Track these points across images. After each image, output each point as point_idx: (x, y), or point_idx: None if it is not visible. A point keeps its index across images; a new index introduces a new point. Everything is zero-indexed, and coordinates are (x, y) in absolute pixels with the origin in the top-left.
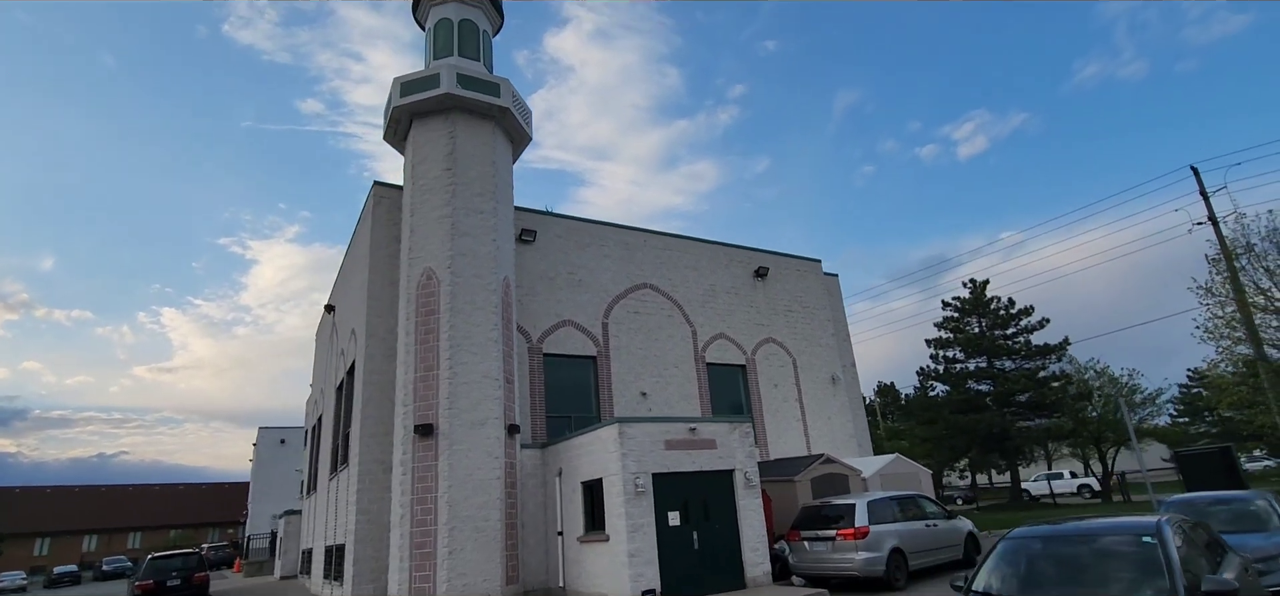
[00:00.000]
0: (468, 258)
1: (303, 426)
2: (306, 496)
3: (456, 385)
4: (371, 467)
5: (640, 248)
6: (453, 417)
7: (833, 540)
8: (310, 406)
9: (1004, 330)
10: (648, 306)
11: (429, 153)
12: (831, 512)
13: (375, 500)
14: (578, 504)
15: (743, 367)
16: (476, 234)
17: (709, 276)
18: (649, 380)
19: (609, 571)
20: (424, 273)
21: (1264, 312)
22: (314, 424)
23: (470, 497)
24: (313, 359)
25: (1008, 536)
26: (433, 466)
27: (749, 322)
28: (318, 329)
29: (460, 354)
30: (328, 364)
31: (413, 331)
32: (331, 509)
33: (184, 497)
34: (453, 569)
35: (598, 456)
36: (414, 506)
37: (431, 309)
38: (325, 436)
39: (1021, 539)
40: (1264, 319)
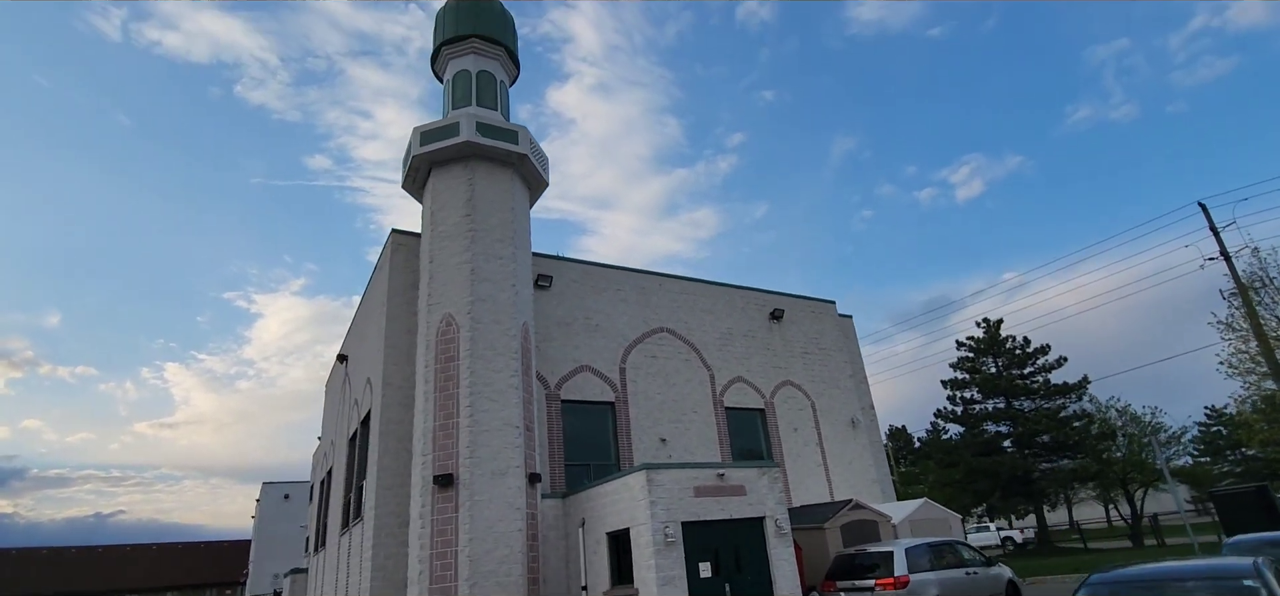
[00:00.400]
0: (487, 303)
1: (308, 481)
2: (314, 553)
3: (477, 433)
4: (387, 521)
5: (656, 292)
6: (474, 467)
7: (871, 590)
8: (318, 460)
9: (1021, 369)
10: (665, 350)
11: (448, 200)
12: (867, 561)
13: (391, 556)
14: (603, 556)
15: (762, 412)
16: (496, 279)
17: (725, 320)
18: (667, 426)
19: None
20: (444, 319)
21: None
22: (323, 478)
23: (492, 551)
24: (321, 411)
25: (1088, 582)
26: (453, 519)
27: (766, 366)
28: (328, 380)
29: (481, 401)
30: (339, 415)
31: (432, 378)
32: (344, 566)
33: (181, 557)
34: None
35: (624, 505)
36: (433, 562)
37: (451, 355)
38: (336, 490)
39: (1103, 585)
40: None
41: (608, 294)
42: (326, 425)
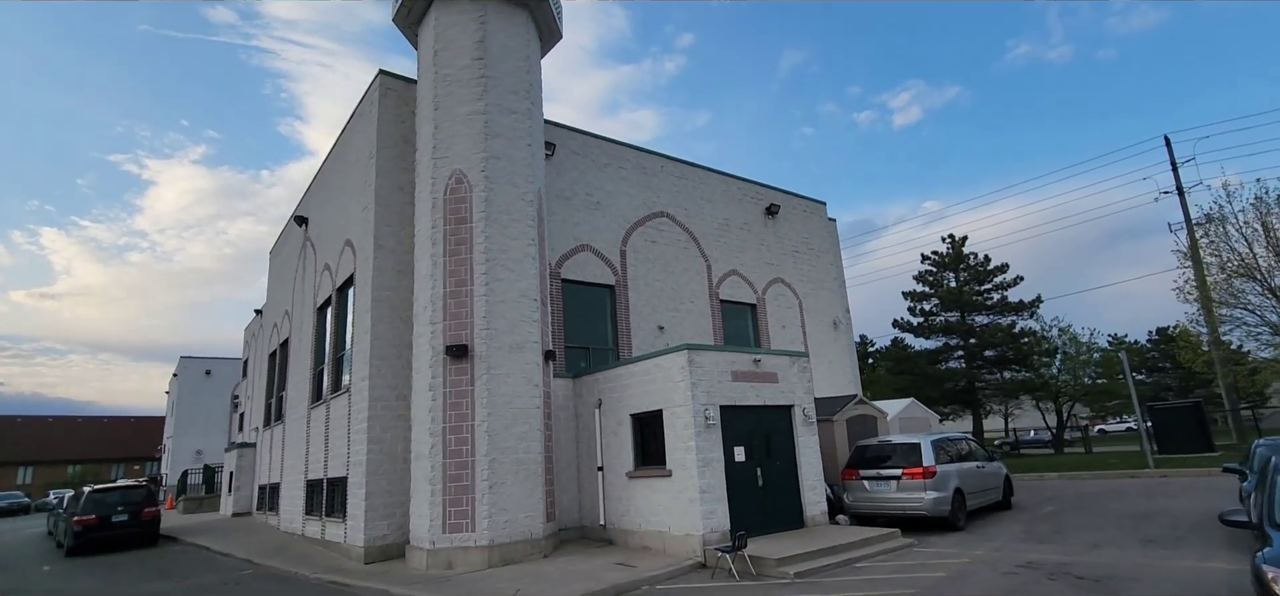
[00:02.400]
0: (502, 162)
1: (238, 356)
2: (265, 427)
3: (493, 303)
4: (383, 393)
5: (657, 174)
6: (490, 339)
7: (898, 479)
8: (256, 333)
9: (981, 285)
10: (665, 236)
11: (455, 39)
12: (890, 452)
13: (388, 428)
14: (624, 438)
15: (753, 307)
16: (511, 136)
17: (723, 210)
18: (665, 314)
19: (671, 508)
20: (453, 176)
21: (1244, 278)
22: (273, 350)
23: (511, 427)
24: (267, 280)
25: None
26: (468, 392)
27: (759, 261)
28: (274, 247)
29: (496, 269)
30: (297, 283)
31: (441, 241)
32: (316, 439)
33: (82, 431)
34: (494, 504)
35: (657, 386)
36: (447, 435)
37: (462, 217)
38: (299, 361)
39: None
40: (1246, 285)
41: (609, 170)
42: (275, 294)
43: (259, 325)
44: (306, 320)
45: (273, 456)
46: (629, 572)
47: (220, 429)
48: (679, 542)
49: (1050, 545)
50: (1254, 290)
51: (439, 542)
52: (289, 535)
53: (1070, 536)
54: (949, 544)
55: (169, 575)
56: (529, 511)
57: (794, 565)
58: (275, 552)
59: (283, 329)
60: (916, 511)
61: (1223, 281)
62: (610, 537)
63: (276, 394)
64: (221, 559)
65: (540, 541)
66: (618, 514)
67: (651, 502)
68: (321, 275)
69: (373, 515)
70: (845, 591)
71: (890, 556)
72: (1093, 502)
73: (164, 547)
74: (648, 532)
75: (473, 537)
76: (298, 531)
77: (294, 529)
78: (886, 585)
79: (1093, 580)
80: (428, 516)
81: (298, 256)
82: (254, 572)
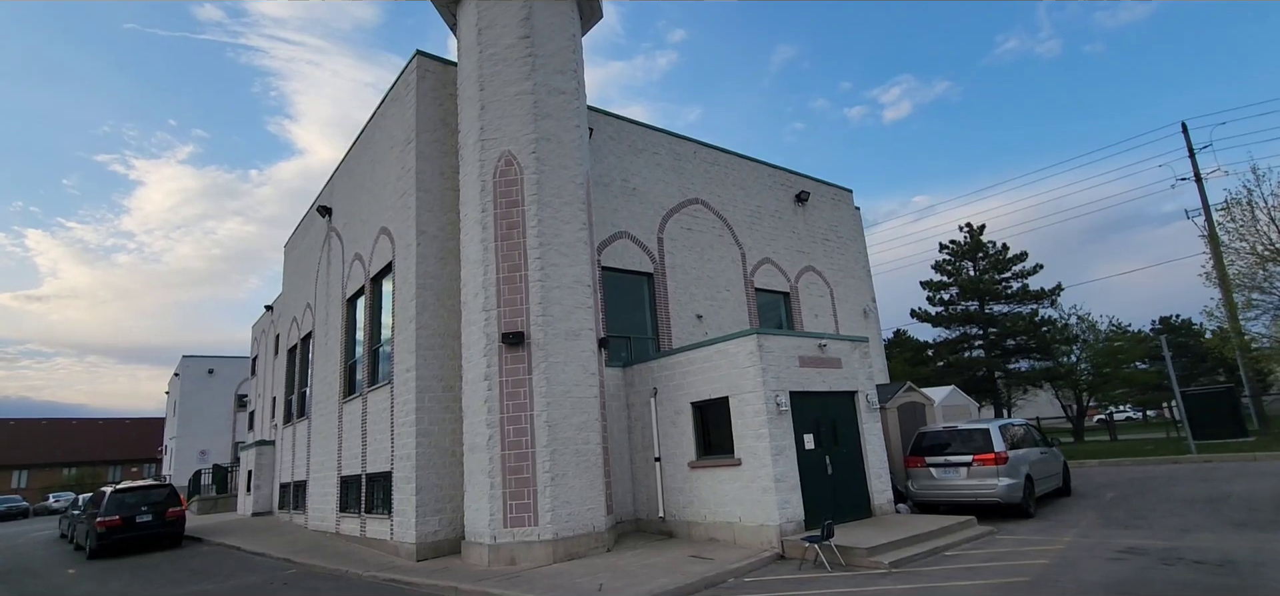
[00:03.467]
0: (552, 143)
1: (239, 355)
2: (285, 423)
3: (548, 289)
4: (430, 384)
5: (690, 160)
6: (547, 326)
7: (968, 466)
8: (263, 331)
9: (1000, 273)
10: (700, 223)
11: (500, 17)
12: (958, 439)
13: (436, 421)
14: (684, 427)
15: (786, 295)
16: (559, 116)
17: (755, 197)
18: (703, 302)
19: (741, 498)
20: (502, 158)
21: (1274, 262)
22: (293, 345)
23: (569, 417)
24: (282, 273)
25: None
26: (525, 381)
27: (791, 249)
28: (290, 240)
29: (550, 253)
30: (320, 276)
31: (491, 225)
32: (354, 435)
33: (77, 433)
34: (557, 497)
35: (722, 373)
36: (505, 427)
37: (513, 200)
38: (327, 356)
39: None
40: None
41: (644, 156)
42: (294, 288)
43: (270, 321)
44: (334, 313)
45: (296, 454)
46: (708, 565)
47: (224, 428)
48: (751, 533)
49: (1138, 530)
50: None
51: (500, 537)
52: (321, 533)
53: (1153, 521)
54: (1030, 531)
55: (206, 575)
56: (590, 504)
57: (884, 554)
58: (312, 551)
59: (304, 323)
60: (989, 498)
61: (1253, 266)
62: (670, 530)
63: (298, 390)
64: (256, 558)
65: (603, 534)
66: (678, 505)
67: (717, 493)
68: (351, 266)
69: (424, 511)
70: (951, 580)
71: (976, 544)
72: (1152, 488)
73: (191, 548)
74: (714, 524)
75: (536, 532)
76: (330, 529)
77: (326, 527)
78: (991, 573)
79: (1213, 565)
80: (487, 510)
81: (320, 249)
82: (298, 572)
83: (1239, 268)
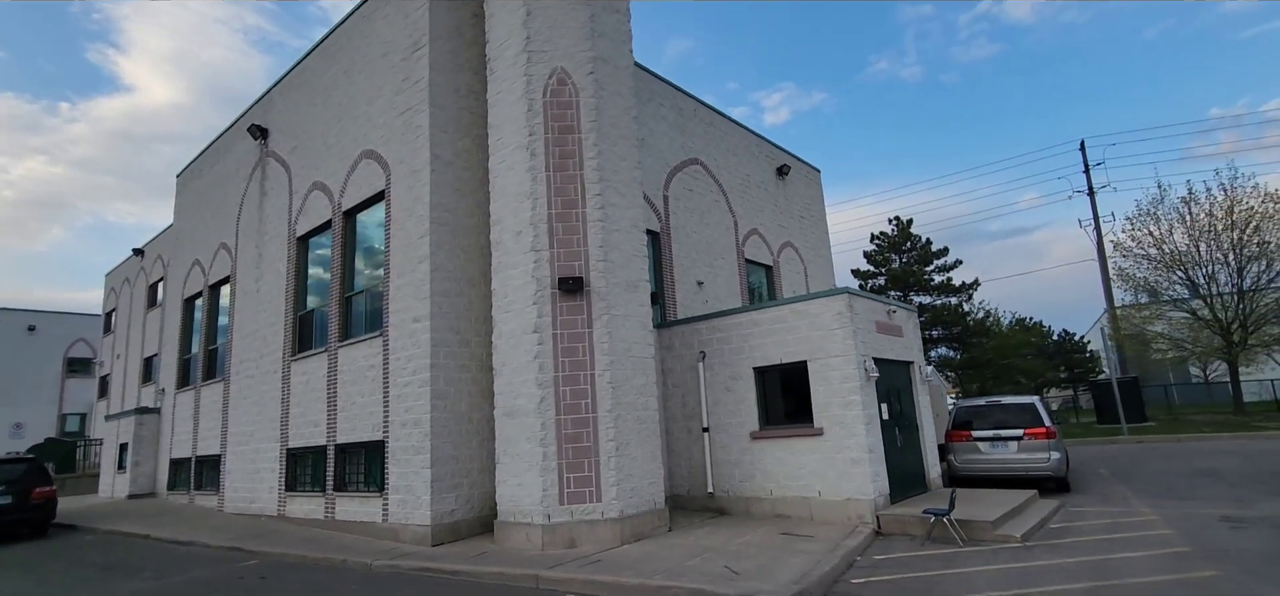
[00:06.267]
0: (609, 67)
1: (71, 311)
2: (179, 389)
3: (608, 232)
4: (446, 337)
5: (691, 117)
6: (607, 274)
7: (1018, 440)
8: (127, 280)
9: (926, 266)
10: (700, 185)
11: None
12: (1003, 413)
13: (452, 381)
14: (743, 394)
15: (770, 269)
16: (615, 38)
17: (745, 164)
18: (702, 268)
19: (822, 471)
20: (555, 75)
21: (1162, 268)
22: (191, 295)
23: (630, 378)
24: (173, 208)
25: None
26: (585, 335)
27: (774, 223)
28: (185, 171)
29: (610, 192)
30: (245, 210)
31: (541, 153)
32: (314, 399)
33: None
34: (621, 470)
35: (799, 335)
36: (562, 387)
37: (568, 126)
38: (262, 305)
39: None
40: (1157, 274)
41: (651, 106)
42: (199, 226)
43: (140, 268)
44: (274, 253)
45: (201, 423)
46: (815, 543)
47: (48, 397)
48: (835, 509)
49: (1193, 501)
50: (1180, 278)
51: (556, 516)
52: (252, 518)
53: (1190, 493)
54: (1091, 504)
55: (127, 572)
56: (651, 478)
57: (1003, 527)
58: (261, 538)
59: (215, 268)
60: (1040, 472)
61: (1153, 271)
62: (721, 507)
63: (204, 347)
64: (180, 548)
65: (663, 512)
66: (733, 480)
67: (788, 466)
68: (309, 197)
69: (440, 487)
70: (1112, 553)
71: (1070, 517)
72: (1141, 464)
73: (67, 537)
74: (785, 499)
75: (599, 509)
76: (267, 512)
77: (260, 510)
78: (1137, 545)
79: None
80: (538, 484)
81: (247, 178)
82: (261, 563)
83: (1144, 274)
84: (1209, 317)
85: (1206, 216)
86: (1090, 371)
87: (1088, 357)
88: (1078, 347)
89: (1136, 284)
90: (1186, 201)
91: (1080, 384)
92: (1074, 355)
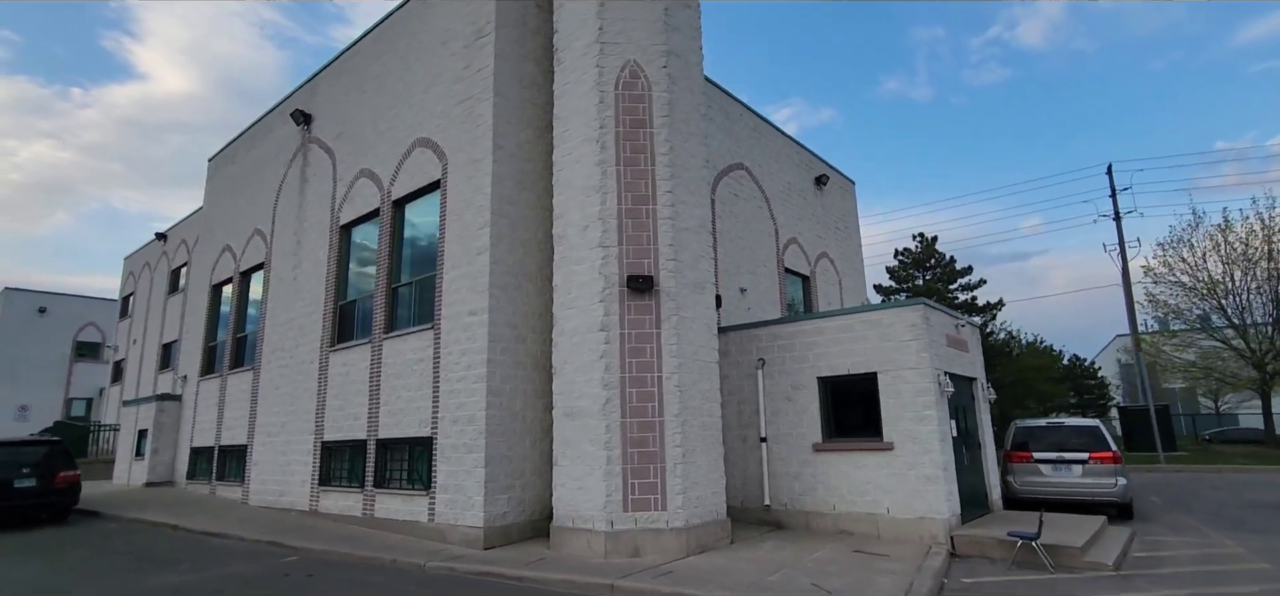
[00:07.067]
0: (681, 62)
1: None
2: (202, 376)
3: (678, 230)
4: (502, 332)
5: (738, 121)
6: (677, 273)
7: (1084, 463)
8: (148, 264)
9: (950, 284)
10: (744, 191)
11: None
12: (1065, 435)
13: (508, 378)
14: (805, 404)
15: (806, 279)
16: (687, 32)
17: (786, 172)
18: (746, 275)
19: (891, 487)
20: (627, 68)
21: (1195, 296)
22: (220, 281)
23: (696, 383)
24: (203, 194)
25: None
26: (653, 336)
27: (811, 233)
28: (219, 155)
29: (681, 189)
30: (283, 196)
31: (612, 146)
32: (355, 392)
33: None
34: (687, 478)
35: (868, 345)
36: (628, 389)
37: (639, 119)
38: (299, 293)
39: None
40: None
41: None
42: (233, 211)
43: (163, 253)
44: (315, 241)
45: (226, 412)
46: (892, 562)
47: (54, 380)
48: (906, 527)
49: (1271, 534)
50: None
51: (619, 522)
52: (280, 511)
53: (1272, 526)
54: (1162, 531)
55: (161, 562)
56: (715, 487)
57: (1089, 553)
58: (297, 533)
59: (248, 254)
60: (1105, 498)
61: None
62: (778, 520)
63: (232, 336)
64: (212, 540)
65: (725, 524)
66: (792, 493)
67: (854, 480)
68: (355, 184)
69: (493, 487)
70: (1216, 587)
71: (1149, 546)
72: (1193, 494)
73: (89, 524)
74: (849, 515)
75: (664, 517)
76: (298, 506)
77: (289, 504)
78: (1232, 579)
79: None
80: (602, 489)
81: (288, 163)
82: (301, 559)
83: (1177, 301)
84: (1242, 347)
85: (1242, 244)
86: (1100, 398)
87: (1098, 383)
88: (1088, 373)
89: (1169, 310)
90: (1222, 229)
91: (1090, 410)
92: (1085, 380)
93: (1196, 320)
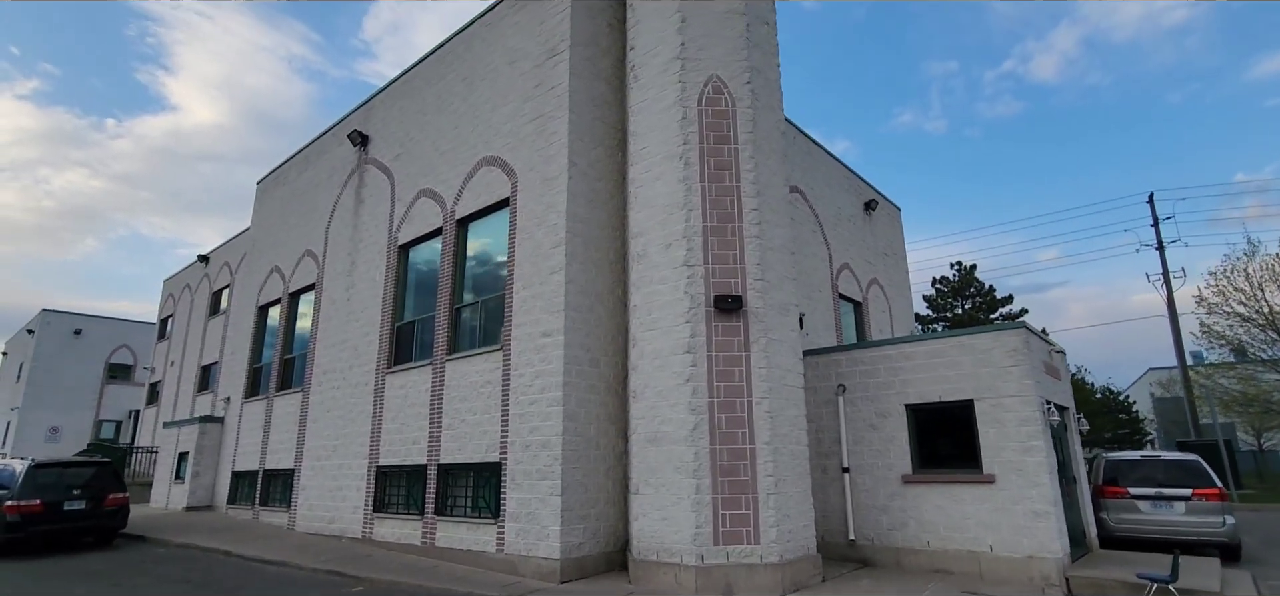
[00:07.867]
0: (763, 78)
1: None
2: (247, 399)
3: (765, 250)
4: (577, 355)
5: (793, 143)
6: (764, 294)
7: (1187, 500)
8: (187, 287)
9: (990, 313)
10: (799, 215)
11: None
12: (1162, 470)
13: (583, 402)
14: (892, 433)
15: (859, 305)
16: (766, 50)
17: (838, 197)
18: (802, 301)
19: (994, 523)
20: (710, 84)
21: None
22: (266, 303)
23: (784, 409)
24: (251, 214)
25: None
26: (742, 359)
27: (862, 259)
28: (269, 178)
29: (766, 209)
30: (337, 217)
31: (696, 162)
32: (414, 415)
33: None
34: (780, 509)
35: (962, 371)
36: (717, 414)
37: (723, 135)
38: (352, 316)
39: None
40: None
41: None
42: (282, 233)
43: (204, 275)
44: (371, 262)
45: (272, 435)
46: None
47: (86, 401)
48: (1013, 566)
49: None
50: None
51: (710, 556)
52: (330, 539)
53: None
54: None
55: (223, 591)
56: (805, 520)
57: None
58: (352, 562)
59: (297, 275)
60: (1211, 537)
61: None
62: (863, 556)
63: (279, 357)
64: (268, 567)
65: (816, 560)
66: (879, 527)
67: (951, 515)
68: (414, 205)
69: (569, 516)
70: None
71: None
72: None
73: (133, 548)
74: (945, 552)
75: (757, 551)
76: (349, 533)
77: (340, 531)
78: None
79: None
80: (692, 520)
81: (342, 184)
82: (367, 590)
83: (1235, 332)
84: None
85: None
86: (1135, 433)
87: (1133, 418)
88: (1123, 406)
89: (1229, 342)
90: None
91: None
92: (1120, 414)
93: (1259, 352)
